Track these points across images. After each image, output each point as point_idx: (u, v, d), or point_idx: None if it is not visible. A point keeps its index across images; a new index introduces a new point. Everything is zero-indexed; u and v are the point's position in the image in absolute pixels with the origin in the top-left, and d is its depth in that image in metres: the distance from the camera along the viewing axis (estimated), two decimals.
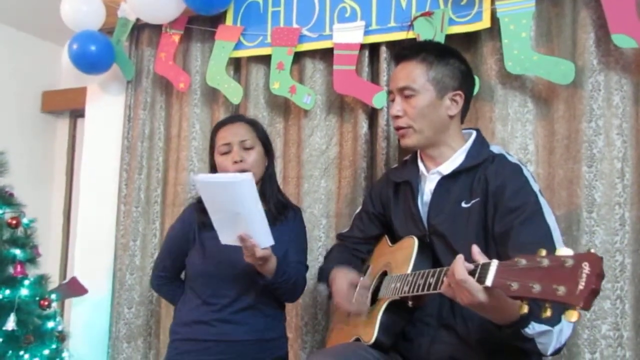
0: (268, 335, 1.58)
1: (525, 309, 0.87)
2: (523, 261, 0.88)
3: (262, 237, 1.39)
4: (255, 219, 1.37)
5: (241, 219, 1.37)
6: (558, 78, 1.61)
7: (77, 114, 3.20)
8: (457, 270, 0.98)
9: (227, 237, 1.44)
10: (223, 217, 1.42)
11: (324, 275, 1.54)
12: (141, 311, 2.22)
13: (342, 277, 1.42)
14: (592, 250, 0.82)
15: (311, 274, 1.94)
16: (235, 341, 1.54)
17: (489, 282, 0.93)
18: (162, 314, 2.20)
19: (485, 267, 0.95)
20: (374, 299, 1.38)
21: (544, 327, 0.99)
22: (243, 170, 1.56)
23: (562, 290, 0.80)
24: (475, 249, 1.00)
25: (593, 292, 0.78)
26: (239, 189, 1.34)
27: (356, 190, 1.91)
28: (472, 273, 0.98)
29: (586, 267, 0.80)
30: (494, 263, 0.94)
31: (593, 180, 1.60)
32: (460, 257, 1.00)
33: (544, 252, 0.87)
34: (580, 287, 0.79)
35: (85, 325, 2.35)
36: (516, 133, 1.73)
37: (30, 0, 2.69)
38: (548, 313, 0.83)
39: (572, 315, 0.79)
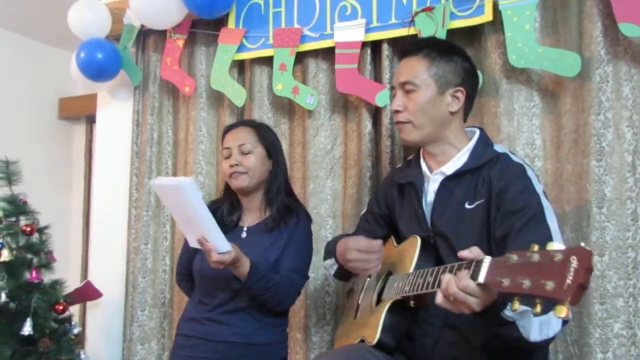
0: (257, 339, 1.56)
1: (517, 305, 0.85)
2: (514, 257, 0.87)
3: (218, 242, 1.38)
4: (206, 224, 1.37)
5: (196, 223, 1.38)
6: (564, 70, 1.57)
7: (92, 119, 3.25)
8: (458, 278, 0.96)
9: (192, 240, 1.44)
10: (182, 220, 1.45)
11: (329, 249, 1.52)
12: (154, 313, 2.25)
13: (353, 240, 1.35)
14: (582, 244, 0.80)
15: (318, 276, 1.95)
16: (221, 342, 1.55)
17: (481, 278, 0.92)
18: (175, 315, 2.23)
19: (478, 264, 0.94)
20: (379, 299, 1.38)
21: (522, 307, 0.96)
22: (238, 174, 1.59)
23: (550, 285, 0.78)
24: (464, 252, 0.99)
25: (581, 287, 0.76)
26: (184, 193, 1.34)
27: (362, 189, 1.90)
28: (466, 268, 0.96)
29: (574, 262, 0.77)
30: (487, 259, 0.93)
31: (603, 175, 1.56)
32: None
33: (536, 247, 0.85)
34: (568, 281, 0.77)
35: (101, 328, 2.40)
36: (522, 128, 1.69)
37: (44, 10, 2.75)
38: (538, 309, 0.81)
39: (561, 311, 0.77)
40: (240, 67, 2.18)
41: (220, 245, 1.39)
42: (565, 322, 1.11)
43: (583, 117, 1.60)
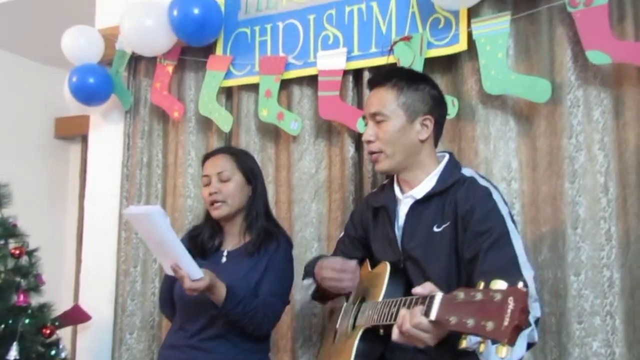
0: None
1: (464, 344, 0.87)
2: (461, 294, 0.89)
3: (190, 269, 1.40)
4: (177, 251, 1.38)
5: (168, 251, 1.40)
6: (535, 96, 1.63)
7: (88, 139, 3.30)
8: (412, 315, 0.98)
9: (167, 267, 1.46)
10: (155, 248, 1.47)
11: (309, 270, 1.55)
12: (143, 336, 2.26)
13: (329, 260, 1.43)
14: (520, 286, 0.82)
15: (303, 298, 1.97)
16: None
17: (433, 316, 0.93)
18: (163, 338, 2.24)
19: (431, 300, 0.96)
20: (354, 325, 1.40)
21: (473, 340, 0.97)
22: (217, 202, 1.61)
23: (490, 325, 0.81)
24: (417, 289, 1.01)
25: (517, 328, 0.79)
26: (153, 221, 1.36)
27: (346, 213, 1.92)
28: (421, 304, 0.98)
29: (511, 303, 0.80)
30: (438, 296, 0.95)
31: (576, 196, 1.61)
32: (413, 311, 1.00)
33: (481, 285, 0.87)
34: (505, 323, 0.79)
35: (91, 351, 2.40)
36: (499, 151, 1.74)
37: (40, 29, 2.81)
38: (482, 348, 0.84)
39: (501, 351, 0.79)
40: (228, 93, 2.24)
41: (192, 272, 1.40)
42: (530, 345, 1.13)
43: (556, 140, 1.65)
